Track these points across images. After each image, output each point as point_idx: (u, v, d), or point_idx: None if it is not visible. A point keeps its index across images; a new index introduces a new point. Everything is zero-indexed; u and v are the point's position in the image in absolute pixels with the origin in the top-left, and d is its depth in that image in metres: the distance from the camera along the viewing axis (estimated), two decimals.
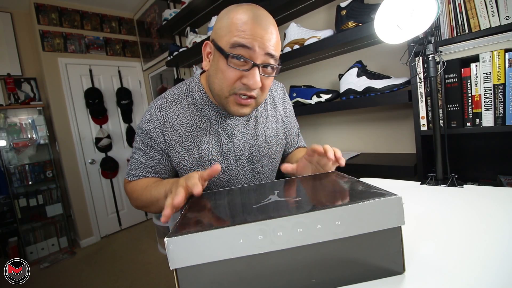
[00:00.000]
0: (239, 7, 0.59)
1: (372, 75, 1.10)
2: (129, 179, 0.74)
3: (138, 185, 0.71)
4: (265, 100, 0.80)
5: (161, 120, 0.68)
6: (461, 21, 0.82)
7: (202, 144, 0.69)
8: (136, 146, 0.72)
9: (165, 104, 0.69)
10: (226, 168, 0.72)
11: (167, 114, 0.68)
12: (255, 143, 0.75)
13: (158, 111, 0.68)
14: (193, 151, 0.69)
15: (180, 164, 0.70)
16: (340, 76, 1.21)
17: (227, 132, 0.71)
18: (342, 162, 0.56)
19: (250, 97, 0.61)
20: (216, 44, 0.59)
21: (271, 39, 0.57)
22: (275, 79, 0.82)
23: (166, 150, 0.69)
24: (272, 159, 0.80)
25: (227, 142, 0.71)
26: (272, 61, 0.59)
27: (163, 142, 0.68)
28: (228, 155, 0.72)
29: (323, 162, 0.59)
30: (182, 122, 0.69)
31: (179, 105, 0.70)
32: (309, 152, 0.59)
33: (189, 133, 0.69)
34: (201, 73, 0.75)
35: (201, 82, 0.72)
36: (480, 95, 0.80)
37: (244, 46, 0.55)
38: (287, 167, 0.64)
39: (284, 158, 0.92)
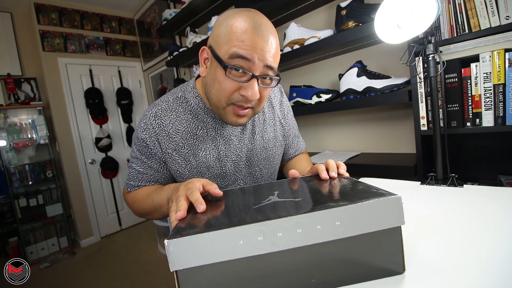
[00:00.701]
0: (238, 13, 0.56)
1: (372, 75, 1.10)
2: (129, 189, 0.73)
3: (139, 194, 0.70)
4: None
5: (156, 128, 0.67)
6: (461, 21, 0.82)
7: (199, 151, 0.68)
8: (133, 156, 0.71)
9: (160, 112, 0.68)
10: (223, 174, 0.71)
11: (162, 122, 0.67)
12: (252, 148, 0.74)
13: (153, 120, 0.67)
14: (190, 159, 0.68)
15: (178, 172, 0.69)
16: (340, 76, 1.21)
17: (224, 138, 0.70)
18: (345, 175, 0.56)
19: (247, 107, 0.60)
20: (214, 52, 0.57)
21: (271, 50, 0.56)
22: None
23: (163, 159, 0.69)
24: (271, 163, 0.79)
25: (225, 148, 0.70)
26: (270, 73, 0.58)
27: (160, 151, 0.68)
28: (226, 161, 0.71)
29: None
30: (178, 130, 0.67)
31: (174, 112, 0.68)
32: (314, 171, 0.58)
33: (186, 141, 0.68)
34: (196, 78, 0.74)
35: (196, 88, 0.70)
36: (480, 95, 0.80)
37: (243, 57, 0.54)
38: (294, 173, 0.62)
39: (284, 161, 0.91)
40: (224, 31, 0.56)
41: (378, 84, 1.06)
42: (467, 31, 0.81)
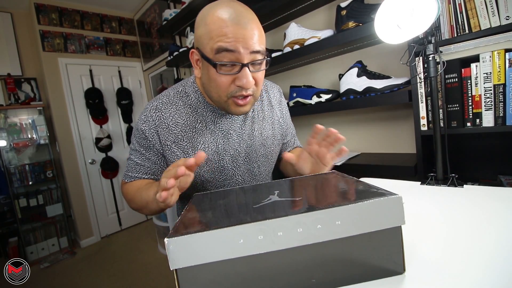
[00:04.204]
0: (214, 8, 0.57)
1: (372, 75, 1.10)
2: (126, 180, 0.74)
3: (131, 187, 0.71)
4: (262, 101, 0.80)
5: (156, 121, 0.68)
6: (461, 21, 0.82)
7: (198, 144, 0.69)
8: (132, 148, 0.72)
9: (161, 105, 0.69)
10: (221, 168, 0.72)
11: (162, 115, 0.68)
12: (251, 143, 0.75)
13: (154, 112, 0.68)
14: (189, 152, 0.69)
15: None
16: (340, 76, 1.21)
17: (223, 132, 0.71)
18: (341, 137, 0.59)
19: (247, 95, 0.61)
20: (202, 53, 0.58)
21: (253, 36, 0.56)
22: (272, 81, 0.83)
23: (162, 151, 0.70)
24: (269, 160, 0.80)
25: (223, 142, 0.71)
26: (259, 56, 0.58)
27: (158, 143, 0.69)
28: (224, 155, 0.72)
29: (322, 154, 0.61)
30: (178, 122, 0.69)
31: (174, 106, 0.70)
32: (310, 139, 0.61)
33: (185, 134, 0.69)
34: None
35: (196, 83, 0.72)
36: (480, 95, 0.80)
37: (228, 50, 0.55)
38: (289, 157, 0.65)
39: (281, 159, 0.92)
40: (204, 30, 0.57)
41: (378, 84, 1.06)
42: (467, 31, 0.81)
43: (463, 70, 0.82)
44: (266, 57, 0.60)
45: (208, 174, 0.71)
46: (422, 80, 0.89)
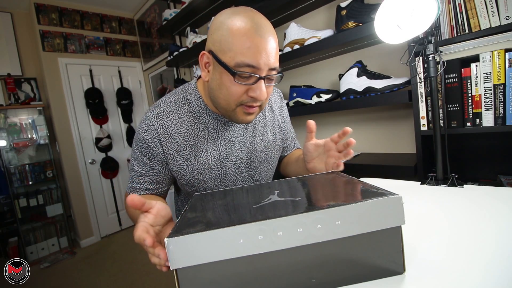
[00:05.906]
0: (236, 15, 0.56)
1: (372, 75, 1.10)
2: (130, 192, 0.72)
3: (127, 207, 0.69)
4: None
5: (158, 129, 0.66)
6: (461, 21, 0.82)
7: (201, 152, 0.68)
8: (135, 157, 0.70)
9: (162, 113, 0.67)
10: (224, 175, 0.72)
11: (164, 124, 0.67)
12: (253, 150, 0.75)
13: (155, 121, 0.66)
14: (192, 160, 0.68)
15: (179, 173, 0.69)
16: (340, 76, 1.21)
17: (225, 139, 0.71)
18: (350, 153, 0.60)
19: (256, 106, 0.62)
20: (218, 58, 0.57)
21: (273, 52, 0.57)
22: None
23: (165, 160, 0.68)
24: (270, 165, 0.81)
25: (225, 149, 0.71)
26: (274, 72, 0.59)
27: (162, 152, 0.67)
28: (226, 162, 0.71)
29: (329, 155, 0.64)
30: (180, 131, 0.67)
31: (176, 113, 0.68)
32: (330, 140, 0.63)
33: (187, 142, 0.68)
34: (198, 79, 0.73)
35: (198, 89, 0.70)
36: (480, 95, 0.80)
37: (250, 66, 0.55)
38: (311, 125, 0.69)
39: (281, 161, 0.93)
40: (225, 36, 0.55)
41: (378, 84, 1.06)
42: (467, 31, 0.81)
43: (463, 70, 0.82)
44: (279, 72, 0.61)
45: (210, 182, 0.71)
46: (422, 80, 0.89)
